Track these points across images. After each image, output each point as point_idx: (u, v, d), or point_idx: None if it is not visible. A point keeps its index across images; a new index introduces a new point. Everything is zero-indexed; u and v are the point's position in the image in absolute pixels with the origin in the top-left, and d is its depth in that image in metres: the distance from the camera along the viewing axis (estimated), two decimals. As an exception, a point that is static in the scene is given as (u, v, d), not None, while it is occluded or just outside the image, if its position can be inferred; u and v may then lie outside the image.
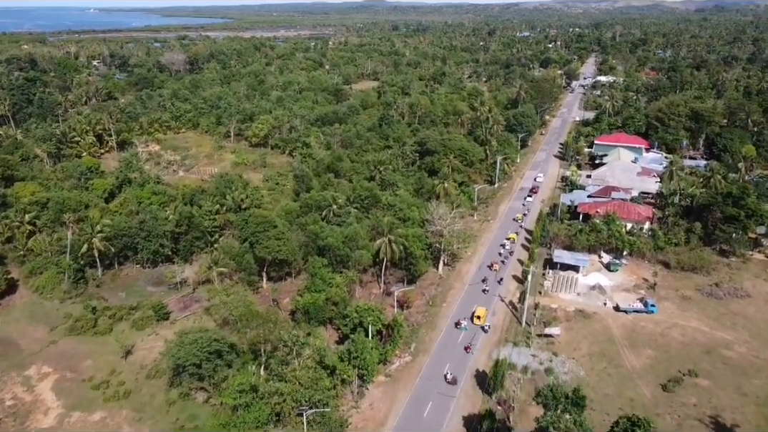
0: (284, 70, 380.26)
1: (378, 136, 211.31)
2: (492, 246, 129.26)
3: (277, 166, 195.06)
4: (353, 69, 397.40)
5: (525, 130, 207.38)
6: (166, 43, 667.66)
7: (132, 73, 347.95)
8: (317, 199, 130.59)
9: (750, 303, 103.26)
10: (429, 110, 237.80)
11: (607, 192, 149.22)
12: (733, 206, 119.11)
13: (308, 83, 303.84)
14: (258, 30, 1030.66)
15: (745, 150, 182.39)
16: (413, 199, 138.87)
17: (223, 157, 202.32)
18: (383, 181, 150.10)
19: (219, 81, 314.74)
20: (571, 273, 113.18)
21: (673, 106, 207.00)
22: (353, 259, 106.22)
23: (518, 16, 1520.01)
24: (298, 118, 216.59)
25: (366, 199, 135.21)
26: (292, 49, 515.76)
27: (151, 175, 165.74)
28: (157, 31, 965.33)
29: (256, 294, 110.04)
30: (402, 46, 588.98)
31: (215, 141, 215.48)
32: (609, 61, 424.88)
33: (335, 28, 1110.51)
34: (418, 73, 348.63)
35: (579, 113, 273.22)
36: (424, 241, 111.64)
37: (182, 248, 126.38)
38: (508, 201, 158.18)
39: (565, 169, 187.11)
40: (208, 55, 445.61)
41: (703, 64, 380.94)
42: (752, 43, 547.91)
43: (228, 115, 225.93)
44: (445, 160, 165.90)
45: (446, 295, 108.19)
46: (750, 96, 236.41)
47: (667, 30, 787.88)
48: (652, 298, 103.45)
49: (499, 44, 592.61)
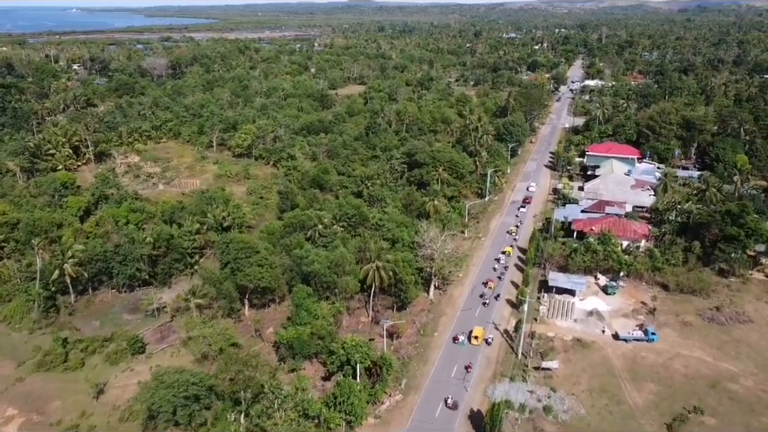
0: (269, 74, 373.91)
1: (365, 146, 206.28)
2: (484, 266, 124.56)
3: (261, 178, 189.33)
4: (339, 73, 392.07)
5: (515, 140, 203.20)
6: (149, 44, 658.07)
7: (112, 79, 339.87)
8: (302, 219, 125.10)
9: (753, 329, 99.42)
10: (416, 118, 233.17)
11: (601, 207, 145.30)
12: (732, 224, 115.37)
13: (293, 89, 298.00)
14: (243, 31, 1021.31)
15: (737, 159, 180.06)
16: (402, 217, 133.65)
17: (205, 169, 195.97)
18: (371, 197, 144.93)
19: (202, 87, 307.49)
20: (567, 297, 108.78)
21: (664, 114, 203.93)
22: (340, 286, 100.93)
23: (504, 17, 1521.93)
24: (282, 128, 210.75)
25: (353, 217, 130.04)
26: (277, 52, 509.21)
27: (129, 191, 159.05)
28: (140, 32, 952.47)
29: (238, 323, 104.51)
30: (388, 48, 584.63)
31: (197, 151, 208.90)
32: (596, 65, 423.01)
33: (321, 28, 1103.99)
34: (405, 78, 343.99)
35: (568, 120, 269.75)
36: (414, 265, 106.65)
37: (160, 271, 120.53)
38: (500, 216, 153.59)
39: (556, 180, 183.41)
40: (191, 59, 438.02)
41: (690, 67, 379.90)
42: (737, 45, 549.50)
43: (210, 124, 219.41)
44: (434, 173, 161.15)
45: (437, 323, 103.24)
46: (741, 103, 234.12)
47: (653, 31, 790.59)
48: (652, 325, 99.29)
49: (486, 46, 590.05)
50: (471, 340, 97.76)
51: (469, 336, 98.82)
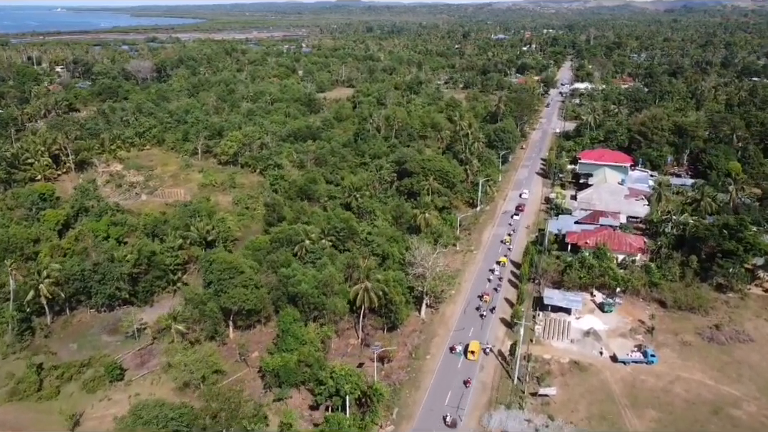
0: (256, 77, 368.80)
1: (353, 153, 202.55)
2: (477, 281, 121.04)
3: (247, 187, 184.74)
4: (327, 76, 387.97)
5: (506, 147, 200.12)
6: (134, 45, 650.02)
7: (96, 82, 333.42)
8: (289, 233, 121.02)
9: (753, 349, 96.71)
10: (406, 123, 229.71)
11: (595, 218, 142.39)
12: (731, 238, 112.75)
13: (280, 93, 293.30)
14: (230, 31, 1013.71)
15: (730, 167, 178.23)
16: (392, 230, 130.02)
17: (189, 177, 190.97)
18: (360, 209, 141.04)
19: (187, 91, 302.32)
20: (562, 315, 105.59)
21: (655, 120, 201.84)
22: (328, 308, 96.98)
23: (492, 17, 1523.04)
24: (269, 135, 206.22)
25: (342, 231, 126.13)
26: (264, 53, 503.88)
27: (110, 202, 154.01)
28: (125, 33, 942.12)
29: (222, 346, 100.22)
30: (377, 50, 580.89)
31: (182, 159, 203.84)
32: (585, 67, 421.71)
33: (309, 29, 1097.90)
34: (394, 81, 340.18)
35: (559, 124, 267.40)
36: (405, 285, 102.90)
37: (141, 290, 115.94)
38: (492, 227, 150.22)
39: (548, 188, 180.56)
40: (177, 61, 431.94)
41: (679, 70, 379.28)
42: (724, 47, 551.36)
43: (195, 130, 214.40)
44: (424, 183, 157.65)
45: (429, 345, 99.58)
46: (732, 108, 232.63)
47: (640, 32, 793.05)
48: (651, 345, 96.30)
49: (475, 47, 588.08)
50: (467, 355, 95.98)
51: (465, 350, 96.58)
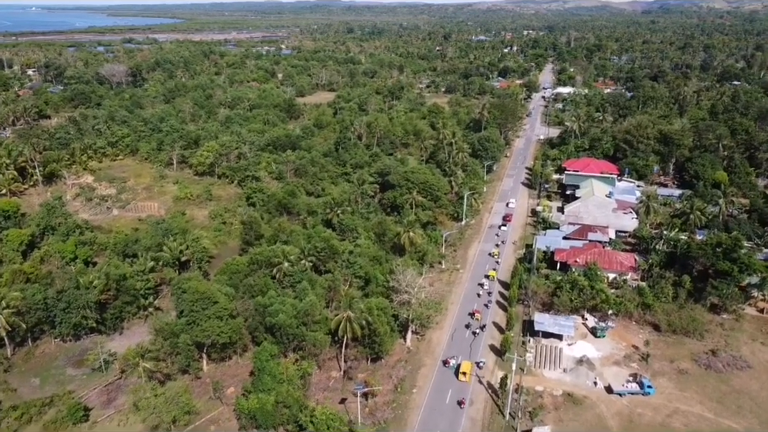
0: (234, 81, 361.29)
1: (334, 162, 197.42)
2: (464, 303, 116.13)
3: (224, 199, 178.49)
4: (307, 80, 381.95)
5: (491, 157, 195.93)
6: (110, 46, 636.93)
7: (69, 86, 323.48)
8: (267, 255, 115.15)
9: (752, 376, 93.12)
10: (388, 130, 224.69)
11: (583, 233, 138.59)
12: (724, 258, 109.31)
13: (259, 99, 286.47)
14: (209, 32, 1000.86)
15: (717, 177, 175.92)
16: (375, 250, 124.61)
17: (164, 189, 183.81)
18: (341, 226, 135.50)
19: (163, 96, 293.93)
20: (554, 341, 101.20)
21: (641, 128, 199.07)
22: (308, 341, 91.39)
23: (472, 17, 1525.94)
24: (247, 145, 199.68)
25: (322, 251, 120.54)
26: (243, 56, 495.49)
27: (79, 220, 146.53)
28: (101, 33, 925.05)
29: (196, 380, 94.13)
30: (357, 52, 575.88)
31: (156, 170, 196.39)
32: (567, 71, 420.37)
33: (289, 29, 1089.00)
34: (376, 86, 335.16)
35: (542, 130, 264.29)
36: (389, 313, 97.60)
37: (110, 317, 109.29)
38: (478, 242, 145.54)
39: (534, 199, 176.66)
40: (153, 64, 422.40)
41: (660, 74, 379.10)
42: (703, 49, 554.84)
43: (171, 139, 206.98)
44: (408, 196, 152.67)
45: (416, 377, 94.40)
46: (716, 116, 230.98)
47: (620, 34, 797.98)
48: (647, 375, 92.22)
49: (456, 49, 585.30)
50: (459, 376, 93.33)
51: (456, 372, 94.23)
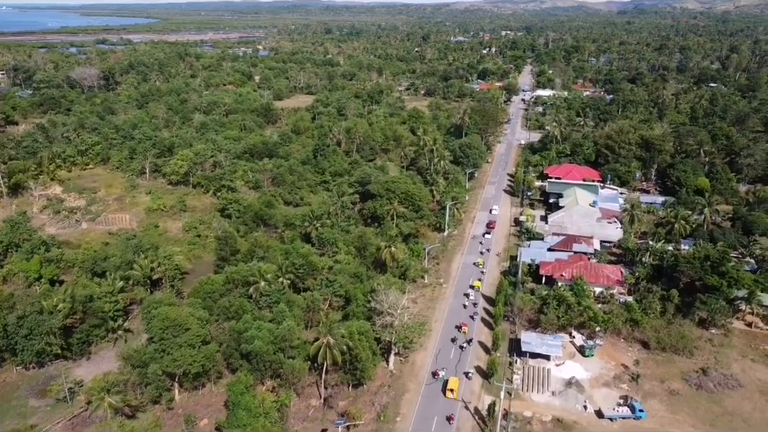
0: (210, 84, 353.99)
1: (313, 170, 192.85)
2: (448, 322, 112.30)
3: (199, 210, 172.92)
4: (285, 83, 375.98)
5: (472, 164, 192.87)
6: (83, 47, 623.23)
7: (38, 90, 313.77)
8: (243, 274, 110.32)
9: (744, 396, 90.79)
10: (367, 135, 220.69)
11: (568, 245, 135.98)
12: (712, 271, 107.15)
13: (235, 103, 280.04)
14: (184, 32, 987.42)
15: (699, 183, 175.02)
16: (356, 265, 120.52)
17: (136, 200, 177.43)
18: (321, 240, 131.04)
19: (136, 101, 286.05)
20: (542, 361, 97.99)
21: (622, 134, 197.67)
22: (285, 369, 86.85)
23: (450, 17, 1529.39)
24: (222, 153, 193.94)
25: (301, 268, 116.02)
26: (219, 58, 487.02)
27: (45, 236, 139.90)
28: (74, 34, 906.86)
29: (168, 411, 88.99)
30: (336, 53, 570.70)
31: (128, 179, 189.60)
32: (546, 73, 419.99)
33: (266, 29, 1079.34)
34: (355, 89, 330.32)
35: (523, 135, 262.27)
36: (371, 337, 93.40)
37: (76, 341, 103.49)
38: (461, 254, 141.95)
39: (516, 207, 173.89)
40: (126, 66, 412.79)
41: (638, 76, 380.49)
42: (679, 51, 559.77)
43: (143, 148, 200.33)
44: (389, 207, 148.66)
45: (400, 403, 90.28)
46: (696, 120, 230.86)
47: (597, 35, 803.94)
48: (638, 398, 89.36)
49: (435, 50, 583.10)
50: (446, 393, 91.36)
51: (444, 389, 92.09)
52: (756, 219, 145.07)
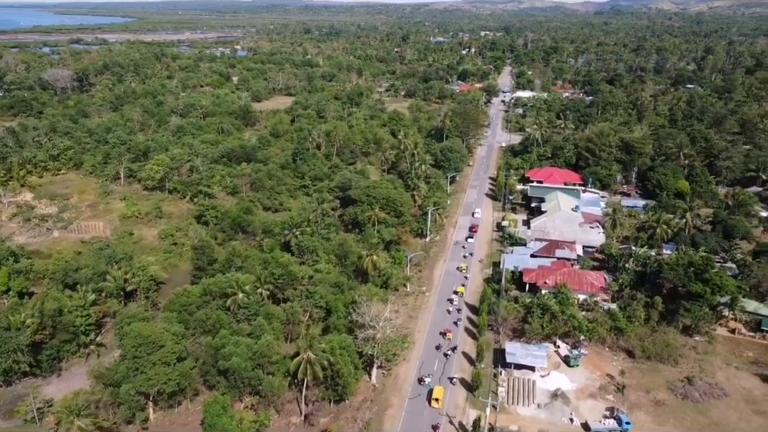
0: (187, 86, 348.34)
1: (292, 174, 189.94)
2: (432, 332, 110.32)
3: (175, 217, 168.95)
4: (263, 84, 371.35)
5: (454, 168, 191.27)
6: (56, 47, 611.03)
7: (9, 93, 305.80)
8: (221, 286, 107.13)
9: (729, 405, 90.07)
10: (348, 138, 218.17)
11: (551, 250, 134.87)
12: (696, 279, 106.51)
13: (213, 106, 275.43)
14: (161, 32, 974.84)
15: (679, 186, 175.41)
16: (336, 273, 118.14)
17: (110, 207, 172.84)
18: (300, 248, 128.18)
19: (110, 104, 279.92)
20: (527, 373, 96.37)
21: (602, 136, 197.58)
22: (264, 386, 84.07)
23: (429, 17, 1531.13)
24: (199, 157, 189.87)
25: (280, 278, 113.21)
26: (196, 58, 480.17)
27: (14, 246, 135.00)
28: (48, 33, 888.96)
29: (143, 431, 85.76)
30: (315, 54, 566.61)
31: (101, 185, 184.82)
32: (526, 74, 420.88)
33: (245, 29, 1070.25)
34: (334, 91, 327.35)
35: (504, 137, 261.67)
36: (353, 351, 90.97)
37: (46, 358, 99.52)
38: (444, 261, 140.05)
39: (498, 212, 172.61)
40: (101, 67, 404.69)
41: (617, 77, 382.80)
42: (656, 52, 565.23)
43: (118, 152, 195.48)
44: (370, 213, 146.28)
45: (383, 419, 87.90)
46: (675, 123, 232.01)
47: (575, 35, 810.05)
48: (624, 409, 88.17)
49: (414, 51, 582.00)
50: (431, 402, 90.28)
51: (429, 398, 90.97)
52: (736, 223, 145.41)
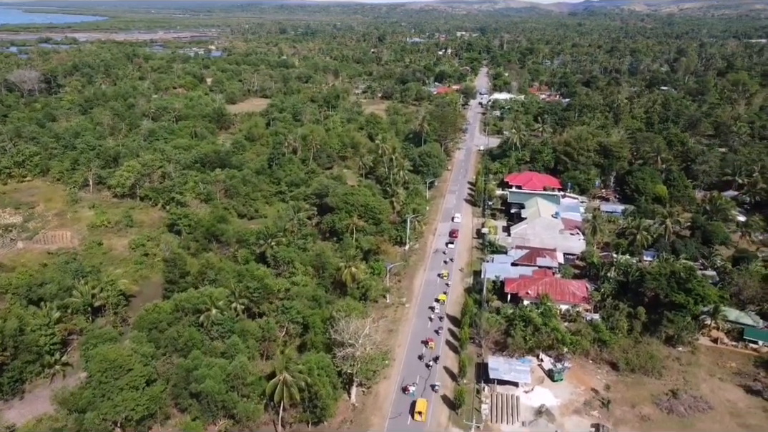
0: (159, 88, 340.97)
1: (268, 180, 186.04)
2: (412, 343, 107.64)
3: (147, 225, 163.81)
4: (238, 86, 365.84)
5: (432, 173, 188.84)
6: (24, 47, 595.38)
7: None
8: (194, 302, 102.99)
9: (714, 419, 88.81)
10: (324, 143, 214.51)
11: (532, 258, 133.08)
12: (679, 289, 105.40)
13: (186, 108, 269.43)
14: (134, 31, 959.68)
15: (657, 190, 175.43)
16: (314, 287, 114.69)
17: (78, 216, 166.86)
18: (276, 259, 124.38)
19: (79, 107, 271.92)
20: (510, 388, 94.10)
21: (580, 140, 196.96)
22: (239, 411, 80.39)
23: (405, 17, 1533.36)
24: (171, 163, 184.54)
25: (255, 292, 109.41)
26: (169, 59, 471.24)
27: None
28: (15, 32, 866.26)
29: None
30: (291, 54, 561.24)
31: (69, 192, 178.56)
32: (502, 76, 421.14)
33: (219, 29, 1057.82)
34: (311, 93, 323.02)
35: (482, 140, 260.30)
36: (331, 371, 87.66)
37: (7, 380, 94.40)
38: (424, 270, 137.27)
39: (478, 218, 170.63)
40: (70, 67, 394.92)
41: (592, 79, 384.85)
42: (630, 53, 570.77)
43: (86, 158, 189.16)
44: (348, 221, 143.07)
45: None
46: (652, 126, 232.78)
47: (550, 36, 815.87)
48: (610, 425, 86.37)
49: (391, 52, 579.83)
50: (414, 416, 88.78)
51: (411, 411, 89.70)
52: (715, 228, 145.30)
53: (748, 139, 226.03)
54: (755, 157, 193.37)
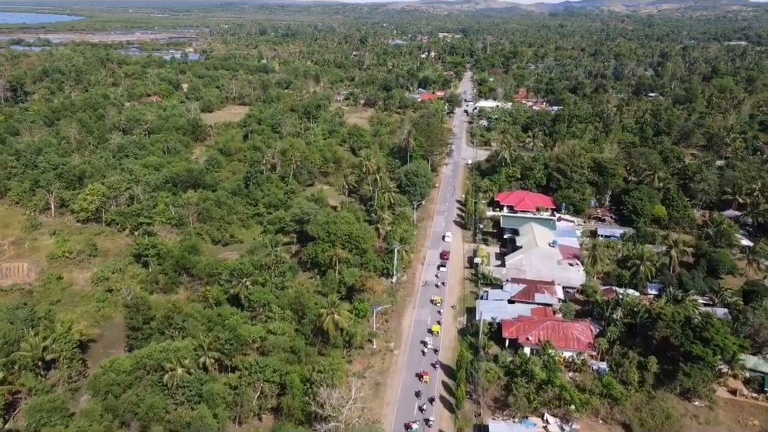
0: (133, 96, 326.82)
1: (245, 201, 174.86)
2: (402, 401, 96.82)
3: (113, 253, 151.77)
4: (216, 92, 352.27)
5: (419, 193, 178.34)
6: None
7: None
8: (157, 358, 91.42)
9: (742, 493, 79.59)
10: (305, 157, 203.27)
11: (530, 294, 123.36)
12: (695, 337, 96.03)
13: (159, 120, 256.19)
14: (110, 32, 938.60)
15: (656, 211, 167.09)
16: (292, 335, 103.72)
17: (38, 244, 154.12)
18: (251, 302, 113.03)
19: (45, 118, 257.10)
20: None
21: (573, 156, 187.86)
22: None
23: (387, 18, 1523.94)
24: (140, 185, 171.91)
25: (227, 342, 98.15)
26: (144, 63, 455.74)
27: None
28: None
29: None
30: (271, 57, 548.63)
31: (28, 218, 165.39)
32: (488, 82, 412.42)
33: (198, 30, 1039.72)
34: (291, 102, 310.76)
35: (469, 152, 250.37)
36: (313, 449, 76.91)
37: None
38: (413, 307, 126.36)
39: (469, 243, 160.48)
40: (40, 73, 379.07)
41: (579, 85, 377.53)
42: (614, 57, 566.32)
43: (48, 179, 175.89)
44: (330, 252, 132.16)
45: None
46: (646, 140, 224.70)
47: (532, 39, 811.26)
48: (628, 506, 76.71)
49: (373, 55, 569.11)
50: None
51: None
52: (721, 257, 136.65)
53: (743, 154, 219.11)
54: (755, 174, 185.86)
